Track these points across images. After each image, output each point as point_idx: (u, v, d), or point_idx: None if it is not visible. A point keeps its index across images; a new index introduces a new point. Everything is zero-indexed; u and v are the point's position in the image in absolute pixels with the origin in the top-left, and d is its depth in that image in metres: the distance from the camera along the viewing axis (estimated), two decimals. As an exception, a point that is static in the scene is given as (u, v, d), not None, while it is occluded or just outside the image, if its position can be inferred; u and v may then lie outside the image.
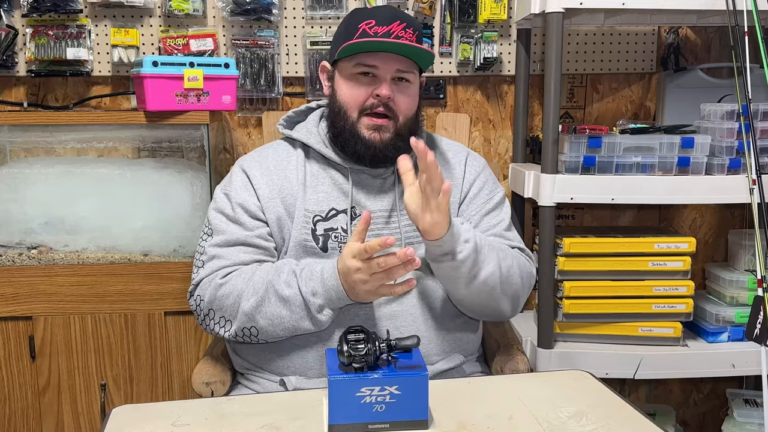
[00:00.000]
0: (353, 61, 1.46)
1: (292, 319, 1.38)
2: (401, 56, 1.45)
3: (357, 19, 1.45)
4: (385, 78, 1.45)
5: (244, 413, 1.19)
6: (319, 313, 1.37)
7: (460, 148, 1.65)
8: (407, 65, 1.46)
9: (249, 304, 1.39)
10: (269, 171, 1.53)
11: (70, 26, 2.13)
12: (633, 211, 2.39)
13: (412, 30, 1.45)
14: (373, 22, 1.43)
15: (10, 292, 1.92)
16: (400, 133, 1.47)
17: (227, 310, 1.42)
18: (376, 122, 1.46)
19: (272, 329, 1.40)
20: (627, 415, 1.19)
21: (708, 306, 2.04)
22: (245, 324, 1.41)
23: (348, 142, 1.48)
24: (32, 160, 2.06)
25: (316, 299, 1.36)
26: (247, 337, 1.43)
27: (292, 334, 1.41)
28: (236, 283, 1.42)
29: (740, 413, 2.09)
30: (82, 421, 1.99)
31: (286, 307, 1.38)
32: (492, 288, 1.43)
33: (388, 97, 1.44)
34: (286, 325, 1.39)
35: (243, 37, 2.18)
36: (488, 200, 1.58)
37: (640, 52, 2.31)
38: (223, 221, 1.50)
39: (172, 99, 1.90)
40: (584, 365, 1.68)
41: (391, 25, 1.43)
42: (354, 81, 1.47)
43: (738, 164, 1.86)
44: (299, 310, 1.38)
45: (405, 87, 1.48)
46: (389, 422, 1.11)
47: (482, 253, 1.39)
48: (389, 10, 1.48)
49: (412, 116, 1.50)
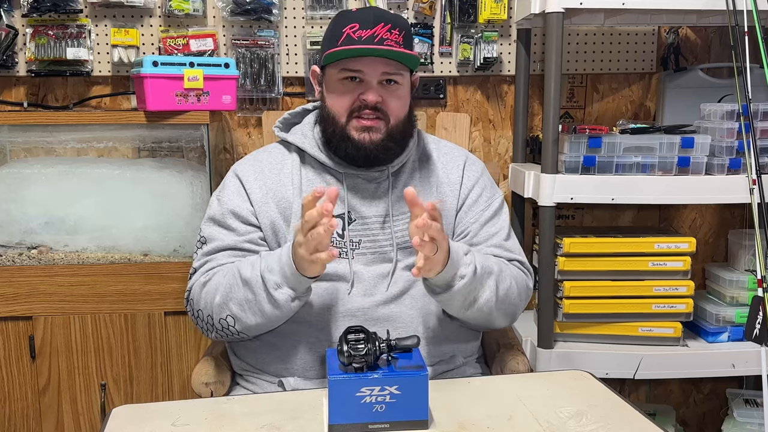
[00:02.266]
0: (338, 66, 1.45)
1: (256, 301, 1.36)
2: (387, 59, 1.44)
3: (341, 23, 1.44)
4: (371, 82, 1.44)
5: (243, 413, 1.19)
6: (275, 290, 1.34)
7: (458, 152, 1.64)
8: (394, 67, 1.45)
9: (222, 294, 1.40)
10: (263, 175, 1.53)
11: (70, 26, 2.13)
12: (633, 211, 2.39)
13: (398, 30, 1.43)
14: (357, 25, 1.42)
15: (10, 292, 1.92)
16: (392, 134, 1.47)
17: (208, 306, 1.43)
18: (364, 123, 1.45)
19: (243, 314, 1.38)
20: (627, 415, 1.19)
21: (708, 306, 2.04)
22: (220, 314, 1.41)
23: (339, 145, 1.47)
24: (32, 160, 2.06)
25: (272, 276, 1.34)
26: (226, 329, 1.42)
27: (263, 320, 1.38)
28: (215, 279, 1.43)
29: (740, 413, 2.09)
30: (82, 421, 1.99)
31: (249, 288, 1.37)
32: (488, 312, 1.43)
33: (376, 102, 1.44)
34: (254, 309, 1.37)
35: (243, 37, 2.18)
36: (486, 207, 1.57)
37: (640, 52, 2.31)
38: (214, 229, 1.51)
39: (172, 99, 1.90)
40: (584, 365, 1.67)
41: (375, 28, 1.41)
42: (341, 86, 1.46)
43: (738, 164, 1.86)
44: (260, 291, 1.35)
45: (394, 89, 1.47)
46: (389, 422, 1.11)
47: (479, 283, 1.38)
48: (374, 11, 1.46)
49: (404, 117, 1.49)
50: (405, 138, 1.51)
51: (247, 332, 1.43)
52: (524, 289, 1.52)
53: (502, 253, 1.53)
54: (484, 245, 1.53)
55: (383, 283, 1.46)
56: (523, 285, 1.52)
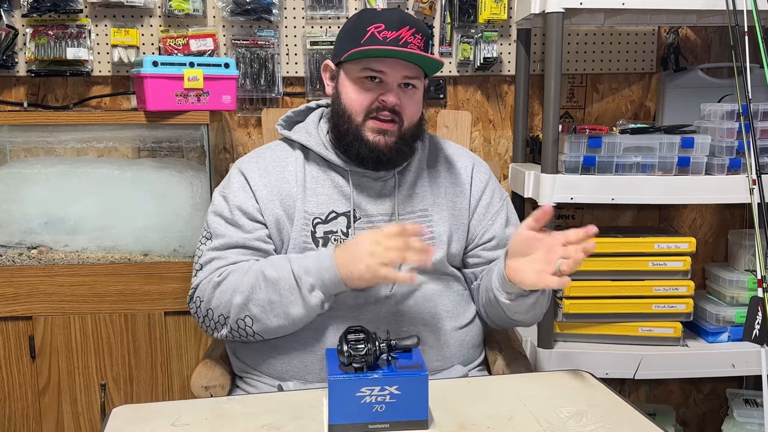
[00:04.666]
0: (360, 65, 1.44)
1: (282, 303, 1.36)
2: (409, 62, 1.44)
3: (366, 22, 1.43)
4: (392, 84, 1.44)
5: (244, 413, 1.19)
6: (309, 292, 1.35)
7: (464, 153, 1.65)
8: (414, 72, 1.45)
9: (243, 294, 1.39)
10: (267, 172, 1.53)
11: (70, 26, 2.13)
12: (633, 211, 2.39)
13: (421, 36, 1.43)
14: (383, 26, 1.41)
15: (10, 292, 1.92)
16: (404, 137, 1.47)
17: (224, 306, 1.41)
18: (382, 126, 1.45)
19: (265, 316, 1.38)
20: (627, 415, 1.19)
21: (708, 306, 2.04)
22: (239, 315, 1.40)
23: (352, 144, 1.46)
24: (32, 160, 2.06)
25: (307, 277, 1.35)
26: (243, 329, 1.41)
27: (286, 323, 1.38)
28: (232, 279, 1.41)
29: (740, 413, 2.09)
30: (82, 421, 1.99)
31: (276, 290, 1.36)
32: (540, 312, 1.51)
33: (395, 105, 1.44)
34: (278, 311, 1.37)
35: (243, 37, 2.18)
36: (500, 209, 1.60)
37: (640, 52, 2.31)
38: (221, 224, 1.50)
39: (172, 99, 1.90)
40: (584, 365, 1.67)
41: (401, 31, 1.41)
42: (360, 85, 1.45)
43: (738, 164, 1.86)
44: (288, 293, 1.35)
45: (412, 93, 1.47)
46: (389, 422, 1.11)
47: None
48: (399, 14, 1.46)
49: (417, 120, 1.50)
50: (415, 141, 1.52)
51: (264, 334, 1.42)
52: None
53: None
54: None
55: (387, 284, 1.46)
56: None
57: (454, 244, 1.54)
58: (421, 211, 1.52)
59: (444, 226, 1.52)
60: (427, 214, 1.52)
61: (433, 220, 1.52)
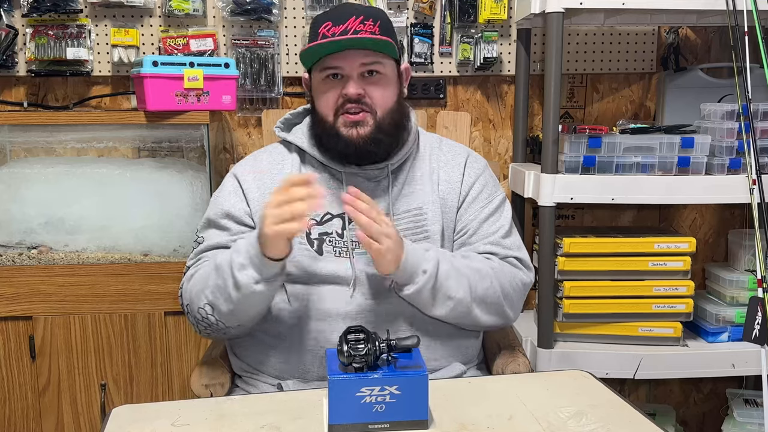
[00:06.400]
0: (319, 66, 1.46)
1: (225, 286, 1.35)
2: (364, 50, 1.43)
3: (317, 25, 1.45)
4: (351, 75, 1.44)
5: (244, 413, 1.19)
6: (239, 271, 1.32)
7: (460, 150, 1.63)
8: (372, 57, 1.44)
9: (201, 284, 1.41)
10: (263, 174, 1.54)
11: (70, 26, 2.13)
12: (633, 211, 2.39)
13: (372, 21, 1.42)
14: (330, 23, 1.42)
15: (10, 292, 1.92)
16: (381, 126, 1.46)
17: (194, 299, 1.43)
18: (352, 119, 1.44)
19: (217, 302, 1.37)
20: (627, 415, 1.19)
21: (708, 306, 2.04)
22: (198, 302, 1.41)
23: (330, 144, 1.48)
24: (32, 160, 2.06)
25: (237, 256, 1.34)
26: (205, 319, 1.41)
27: (233, 306, 1.36)
28: (199, 273, 1.44)
29: (740, 413, 2.09)
30: (82, 421, 1.99)
31: (219, 275, 1.36)
32: (466, 311, 1.44)
33: (358, 95, 1.43)
34: (225, 294, 1.36)
35: (243, 37, 2.18)
36: (487, 204, 1.56)
37: (640, 52, 2.31)
38: (210, 229, 1.52)
39: (172, 99, 1.90)
40: (584, 365, 1.68)
41: (347, 22, 1.41)
42: (324, 86, 1.46)
43: (738, 164, 1.86)
44: (227, 276, 1.35)
45: (377, 79, 1.46)
46: (389, 422, 1.11)
47: (445, 280, 1.39)
48: (345, 7, 1.47)
49: (392, 107, 1.48)
50: (398, 130, 1.50)
51: (225, 322, 1.41)
52: (517, 286, 1.51)
53: (499, 251, 1.52)
54: (480, 243, 1.52)
55: (385, 283, 1.46)
56: (514, 282, 1.50)
57: (446, 243, 1.53)
58: (416, 210, 1.52)
59: (438, 225, 1.52)
60: (421, 212, 1.52)
61: (427, 219, 1.52)
